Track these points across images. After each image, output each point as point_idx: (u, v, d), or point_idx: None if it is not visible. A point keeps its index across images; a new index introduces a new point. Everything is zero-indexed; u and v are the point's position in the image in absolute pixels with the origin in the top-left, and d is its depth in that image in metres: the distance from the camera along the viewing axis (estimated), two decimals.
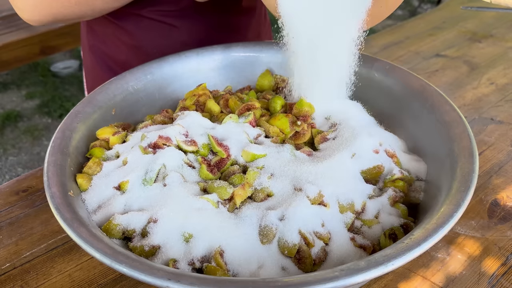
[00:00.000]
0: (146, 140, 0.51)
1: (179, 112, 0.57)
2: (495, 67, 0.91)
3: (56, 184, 0.45)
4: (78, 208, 0.45)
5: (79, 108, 0.56)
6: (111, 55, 0.80)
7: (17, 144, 2.03)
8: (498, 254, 0.52)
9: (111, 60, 0.81)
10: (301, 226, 0.43)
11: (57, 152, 0.49)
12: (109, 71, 0.81)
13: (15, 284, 0.49)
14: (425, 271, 0.50)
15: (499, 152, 0.68)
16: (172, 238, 0.43)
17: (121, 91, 0.61)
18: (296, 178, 0.47)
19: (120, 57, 0.79)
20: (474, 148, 0.47)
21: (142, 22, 0.73)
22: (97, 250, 0.38)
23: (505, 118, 0.75)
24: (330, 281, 0.35)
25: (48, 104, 2.25)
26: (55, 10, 0.64)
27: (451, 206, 0.41)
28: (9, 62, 1.97)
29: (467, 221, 0.56)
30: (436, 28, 1.09)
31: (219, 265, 0.41)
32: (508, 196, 0.60)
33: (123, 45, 0.78)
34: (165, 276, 0.35)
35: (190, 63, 0.67)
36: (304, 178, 0.47)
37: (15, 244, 0.54)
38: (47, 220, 0.57)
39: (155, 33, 0.76)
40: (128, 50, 0.78)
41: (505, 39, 1.02)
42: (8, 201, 0.60)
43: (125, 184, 0.48)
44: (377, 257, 0.37)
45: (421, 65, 0.92)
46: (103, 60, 0.82)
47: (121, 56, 0.79)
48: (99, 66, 0.83)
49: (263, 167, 0.49)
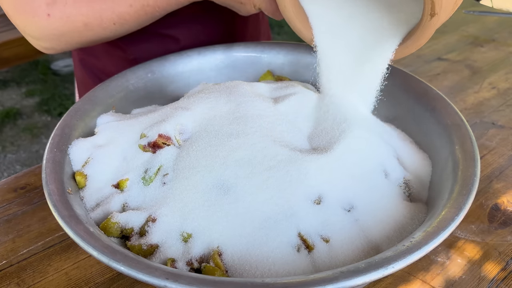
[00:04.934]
0: (145, 139, 0.51)
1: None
2: (497, 72, 0.91)
3: (54, 182, 0.45)
4: (76, 206, 0.44)
5: (79, 105, 0.56)
6: (102, 69, 0.79)
7: (16, 141, 2.03)
8: (498, 258, 0.52)
9: (102, 74, 0.79)
10: (300, 228, 0.43)
11: (55, 150, 0.49)
12: (99, 83, 0.79)
13: (11, 281, 0.49)
14: (424, 275, 0.50)
15: (500, 156, 0.67)
16: (171, 238, 0.43)
17: (121, 89, 0.61)
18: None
19: (111, 70, 0.77)
20: (476, 152, 0.47)
21: (136, 35, 0.70)
22: (94, 248, 0.37)
23: (507, 123, 0.75)
24: (329, 282, 0.34)
25: (48, 102, 2.25)
26: (86, 38, 0.61)
27: (452, 209, 0.41)
28: (9, 59, 1.97)
29: (467, 225, 0.56)
30: (438, 31, 1.09)
31: (218, 265, 0.41)
32: (508, 200, 0.60)
33: (115, 59, 0.76)
34: (163, 275, 0.35)
35: (192, 62, 0.67)
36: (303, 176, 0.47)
37: (12, 241, 0.54)
38: (45, 218, 0.56)
39: (150, 45, 0.74)
40: (120, 64, 0.76)
41: (507, 44, 1.02)
42: (5, 198, 0.59)
43: (124, 182, 0.48)
44: (377, 259, 0.37)
45: (423, 69, 0.92)
46: (94, 74, 0.80)
47: (112, 68, 0.77)
48: (90, 79, 0.81)
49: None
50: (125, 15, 0.60)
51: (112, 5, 0.59)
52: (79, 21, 0.59)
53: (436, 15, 0.42)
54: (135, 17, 0.60)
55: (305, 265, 0.42)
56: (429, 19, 0.43)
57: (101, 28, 0.60)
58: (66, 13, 0.59)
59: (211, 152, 0.48)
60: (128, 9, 0.59)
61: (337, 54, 0.55)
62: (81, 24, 0.59)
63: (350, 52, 0.54)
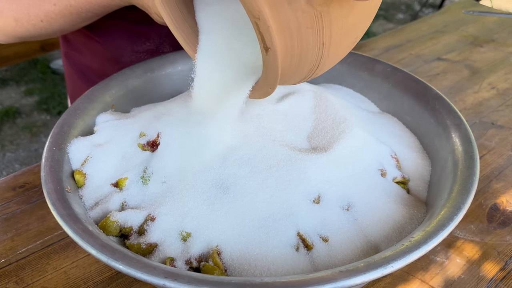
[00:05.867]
0: (144, 138, 0.51)
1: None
2: (496, 72, 0.91)
3: (53, 180, 0.45)
4: (75, 204, 0.44)
5: (78, 104, 0.56)
6: (86, 64, 0.79)
7: (15, 140, 2.02)
8: (497, 258, 0.52)
9: (87, 69, 0.79)
10: (299, 227, 0.43)
11: (55, 148, 0.49)
12: (85, 79, 0.79)
13: (10, 280, 0.49)
14: (423, 274, 0.50)
15: (499, 156, 0.67)
16: (170, 237, 0.43)
17: (120, 87, 0.61)
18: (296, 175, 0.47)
19: (95, 66, 0.78)
20: (475, 152, 0.47)
21: (111, 31, 0.71)
22: (93, 247, 0.37)
23: (506, 123, 0.75)
24: (328, 282, 0.34)
25: (47, 101, 2.25)
26: (20, 34, 0.64)
27: (451, 209, 0.41)
28: (9, 58, 1.97)
29: (466, 225, 0.56)
30: (438, 31, 1.09)
31: (217, 265, 0.41)
32: (507, 200, 0.60)
33: (96, 55, 0.76)
34: (162, 274, 0.35)
35: (191, 61, 0.66)
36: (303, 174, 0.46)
37: (11, 240, 0.54)
38: (44, 217, 0.56)
39: (125, 42, 0.74)
40: (101, 60, 0.77)
41: (507, 44, 1.02)
42: (4, 196, 0.59)
43: (123, 181, 0.48)
44: (376, 259, 0.37)
45: (422, 69, 0.92)
46: (79, 68, 0.80)
47: (95, 64, 0.78)
48: (76, 74, 0.81)
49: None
50: (51, 14, 0.61)
51: (38, 3, 0.60)
52: (9, 16, 0.61)
53: (270, 50, 0.34)
54: (60, 16, 0.61)
55: (304, 265, 0.42)
56: (265, 54, 0.35)
57: (30, 24, 0.62)
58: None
59: None
60: (52, 8, 0.60)
61: (212, 74, 0.47)
62: (12, 20, 0.61)
63: (222, 73, 0.47)
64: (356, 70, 0.64)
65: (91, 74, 0.79)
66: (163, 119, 0.51)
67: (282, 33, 0.34)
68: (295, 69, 0.38)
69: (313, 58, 0.37)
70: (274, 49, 0.34)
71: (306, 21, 0.34)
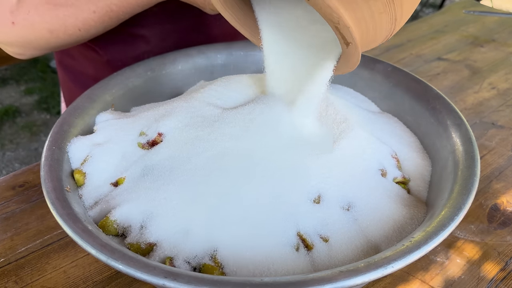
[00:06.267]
0: (144, 137, 0.51)
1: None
2: (496, 72, 0.91)
3: (53, 179, 0.45)
4: (75, 203, 0.44)
5: (78, 103, 0.56)
6: (80, 70, 0.78)
7: (15, 139, 2.02)
8: (497, 259, 0.52)
9: (81, 74, 0.79)
10: (299, 227, 0.43)
11: (54, 147, 0.49)
12: (79, 84, 0.78)
13: (9, 279, 0.49)
14: (423, 275, 0.50)
15: (499, 156, 0.67)
16: (169, 236, 0.43)
17: (120, 87, 0.61)
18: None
19: (90, 71, 0.77)
20: (475, 152, 0.47)
21: (107, 36, 0.69)
22: (93, 246, 0.37)
23: (506, 123, 0.75)
24: (328, 282, 0.34)
25: (47, 100, 2.25)
26: (54, 44, 0.62)
27: (451, 209, 0.41)
28: (9, 57, 1.96)
29: (467, 225, 0.56)
30: (438, 31, 1.09)
31: (216, 264, 0.40)
32: (508, 201, 0.59)
33: (90, 60, 0.76)
34: (161, 274, 0.35)
35: (192, 61, 0.67)
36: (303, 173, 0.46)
37: (10, 239, 0.53)
38: (43, 216, 0.56)
39: (121, 46, 0.73)
40: (96, 65, 0.76)
41: (507, 44, 1.02)
42: (4, 196, 0.59)
43: (122, 180, 0.48)
44: (376, 259, 0.37)
45: (423, 68, 0.92)
46: (73, 74, 0.80)
47: (90, 70, 0.77)
48: (70, 80, 0.81)
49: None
50: (90, 21, 0.60)
51: (75, 12, 0.59)
52: (43, 28, 0.59)
53: (351, 44, 0.38)
54: (100, 22, 0.60)
55: (304, 265, 0.42)
56: (346, 48, 0.39)
57: (66, 35, 0.60)
58: (30, 21, 0.58)
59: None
60: (91, 15, 0.59)
61: (283, 59, 0.51)
62: (46, 32, 0.59)
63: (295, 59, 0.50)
64: (357, 70, 0.64)
65: (86, 80, 0.78)
66: (165, 120, 0.51)
67: (359, 26, 0.37)
68: (370, 43, 0.42)
69: (387, 32, 0.41)
70: (355, 43, 0.38)
71: (379, 7, 0.37)
